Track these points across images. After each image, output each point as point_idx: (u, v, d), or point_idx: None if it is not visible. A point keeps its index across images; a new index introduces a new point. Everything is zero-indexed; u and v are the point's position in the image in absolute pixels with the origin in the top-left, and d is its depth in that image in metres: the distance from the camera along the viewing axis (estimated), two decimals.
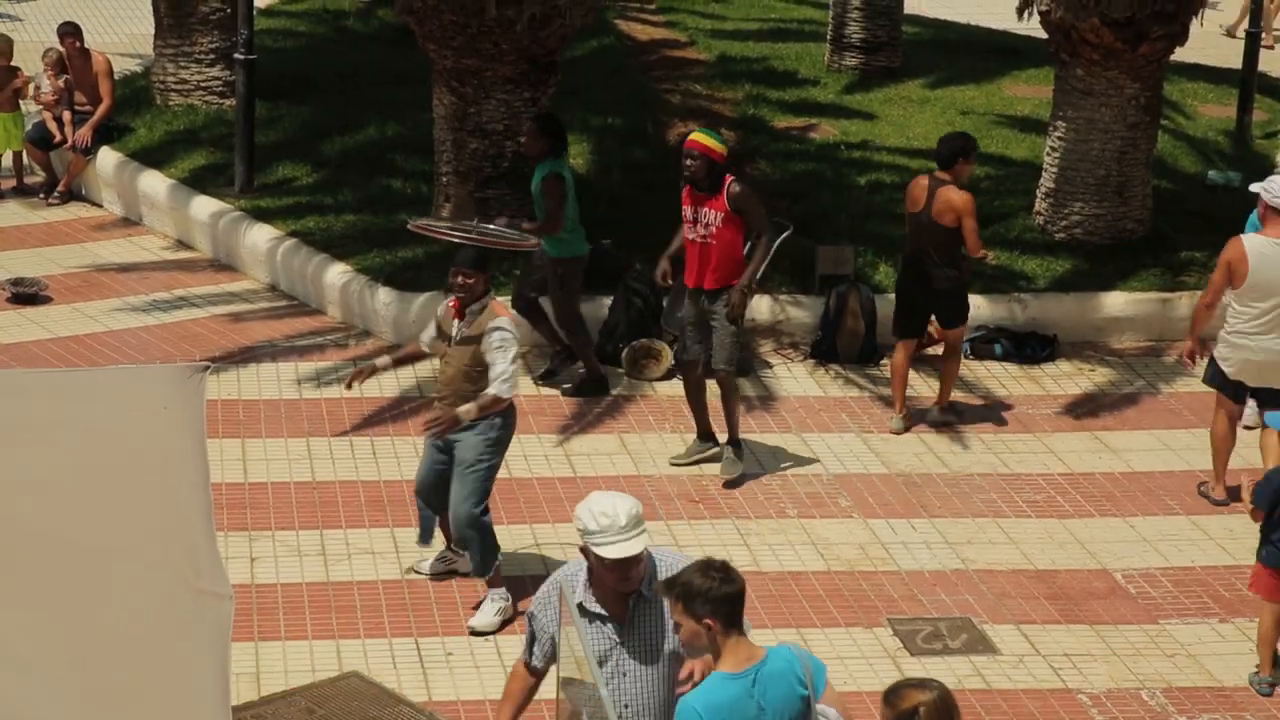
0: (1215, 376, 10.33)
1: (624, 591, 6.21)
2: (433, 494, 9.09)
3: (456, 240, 10.16)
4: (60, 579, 5.47)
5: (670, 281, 10.67)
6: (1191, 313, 10.81)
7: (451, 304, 8.93)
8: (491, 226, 10.95)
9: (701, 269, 10.36)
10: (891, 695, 5.65)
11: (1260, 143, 16.47)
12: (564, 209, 11.18)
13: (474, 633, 8.91)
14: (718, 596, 5.75)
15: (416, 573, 9.39)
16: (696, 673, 6.06)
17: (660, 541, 9.84)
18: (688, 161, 10.23)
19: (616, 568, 6.16)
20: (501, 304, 9.01)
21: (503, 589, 9.02)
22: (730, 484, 10.48)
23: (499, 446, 8.94)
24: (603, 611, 6.26)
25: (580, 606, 6.26)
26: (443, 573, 9.36)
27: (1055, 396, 11.96)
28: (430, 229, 10.43)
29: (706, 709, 5.73)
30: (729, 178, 10.26)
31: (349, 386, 9.41)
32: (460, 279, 8.82)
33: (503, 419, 8.91)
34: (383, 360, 9.39)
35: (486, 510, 8.93)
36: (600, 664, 6.22)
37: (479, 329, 8.79)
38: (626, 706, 6.23)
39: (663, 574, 6.17)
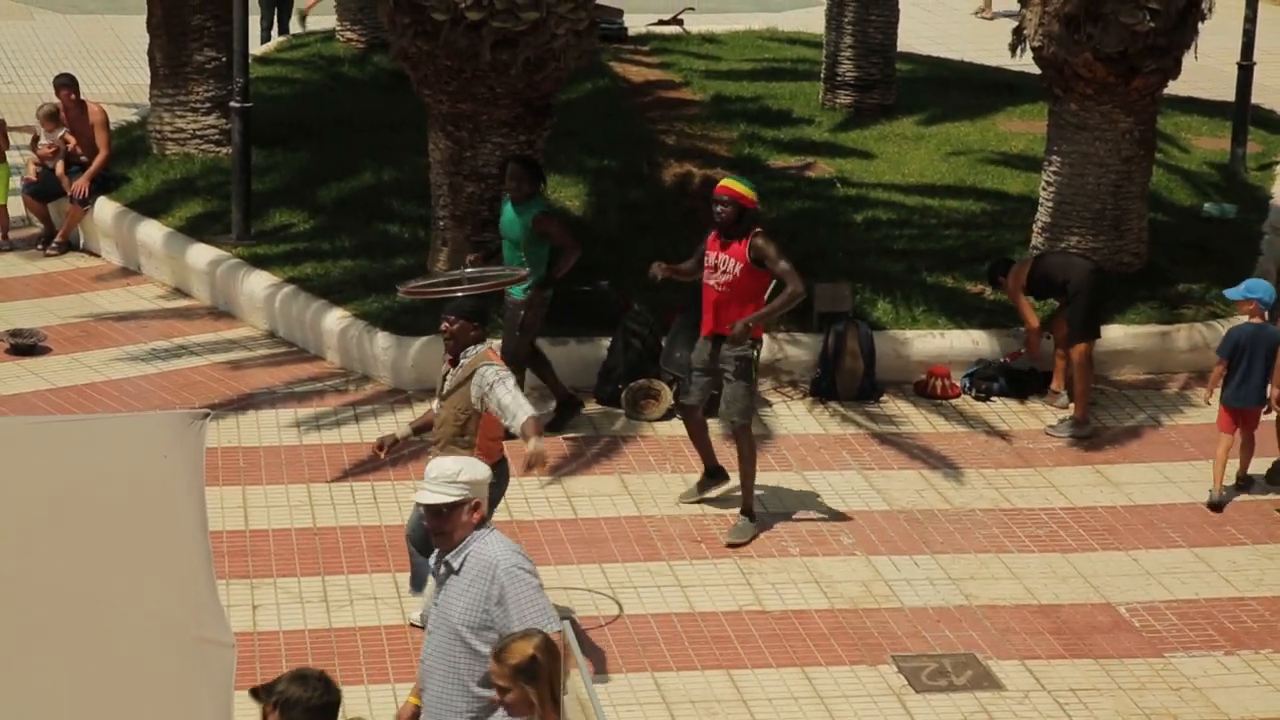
0: None
1: (435, 544, 6.66)
2: (421, 546, 9.06)
3: (448, 295, 9.86)
4: (62, 628, 5.46)
5: (662, 274, 10.49)
6: None
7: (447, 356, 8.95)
8: (471, 270, 10.80)
9: (716, 316, 10.31)
10: (500, 654, 5.79)
11: (1255, 174, 16.51)
12: (569, 235, 11.25)
13: None
14: (313, 708, 5.77)
15: (413, 625, 9.34)
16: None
17: (663, 583, 9.84)
18: (719, 208, 10.20)
19: (423, 511, 6.73)
20: (496, 354, 8.91)
21: None
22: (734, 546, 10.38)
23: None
24: (438, 573, 6.74)
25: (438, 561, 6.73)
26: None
27: (1060, 436, 11.94)
28: (420, 290, 10.20)
29: None
30: (756, 229, 10.20)
31: (379, 452, 9.12)
32: (444, 324, 8.83)
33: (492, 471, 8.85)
34: (402, 430, 9.23)
35: None
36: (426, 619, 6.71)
37: (468, 372, 8.77)
38: (423, 662, 6.67)
39: (474, 564, 6.52)
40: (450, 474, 6.56)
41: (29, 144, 15.38)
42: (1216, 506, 10.85)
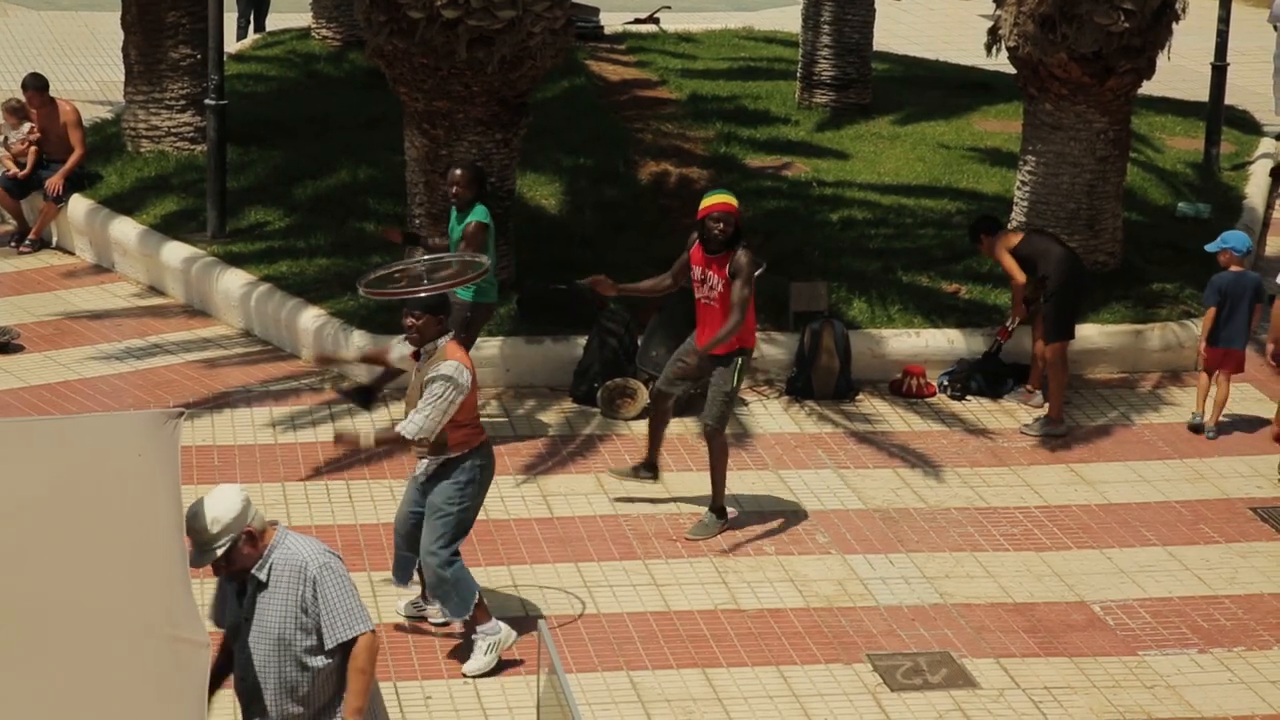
0: None
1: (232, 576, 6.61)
2: (408, 537, 9.05)
3: (411, 295, 9.20)
4: (37, 626, 5.44)
5: (607, 290, 10.47)
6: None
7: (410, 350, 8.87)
8: (427, 258, 10.28)
9: (706, 330, 10.25)
10: None
11: (1228, 174, 16.58)
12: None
13: (466, 677, 8.84)
14: None
15: (396, 612, 9.36)
16: None
17: (639, 581, 9.85)
18: (718, 225, 10.05)
19: None
20: (455, 346, 8.80)
21: (491, 623, 8.94)
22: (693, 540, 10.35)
23: (471, 491, 8.84)
24: (234, 588, 6.62)
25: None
26: (415, 616, 9.33)
27: (1036, 436, 11.98)
28: (381, 292, 9.91)
29: None
30: (741, 244, 10.11)
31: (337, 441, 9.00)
32: (409, 320, 8.74)
33: (477, 463, 8.83)
34: (351, 353, 9.20)
35: (455, 556, 8.83)
36: (234, 638, 6.57)
37: (430, 372, 8.75)
38: (243, 680, 6.53)
39: (282, 570, 6.46)
40: (203, 530, 6.37)
41: (0, 141, 15.32)
42: (1197, 429, 11.96)
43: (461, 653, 9.00)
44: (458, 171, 11.29)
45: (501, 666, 8.89)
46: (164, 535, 5.73)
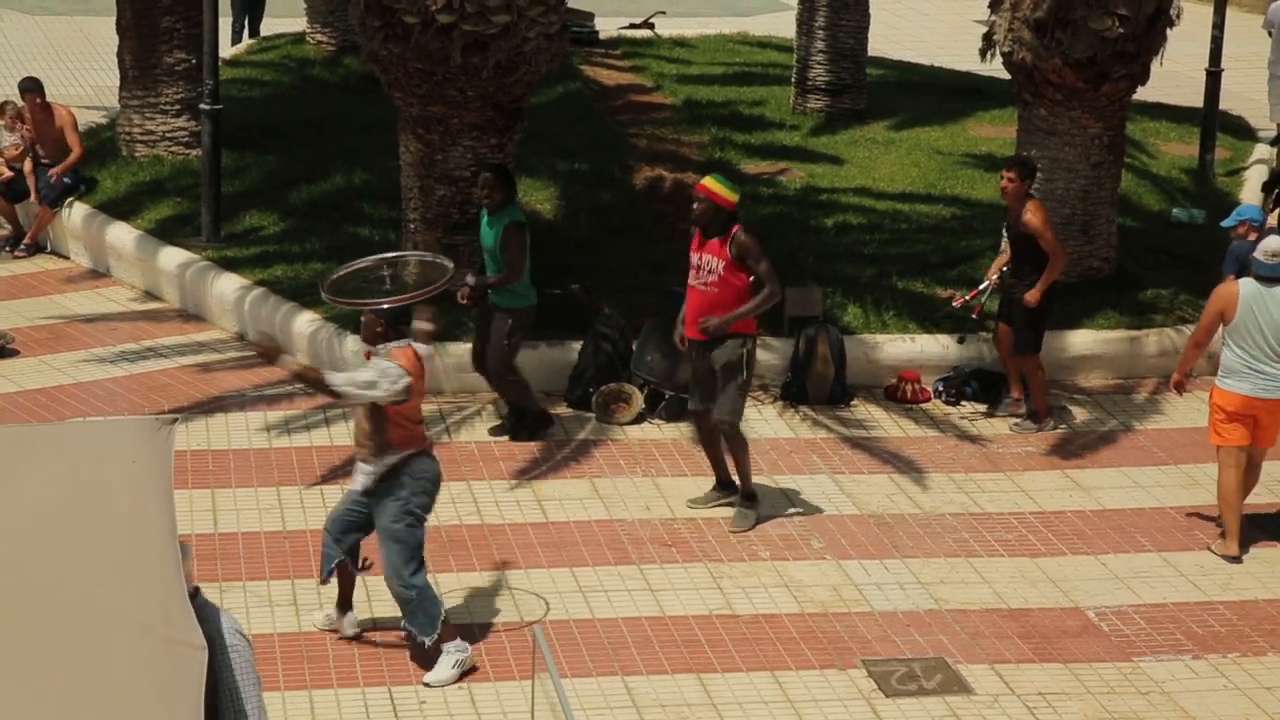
0: None
1: None
2: (338, 538, 8.97)
3: (373, 306, 8.95)
4: (31, 631, 5.44)
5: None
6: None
7: (365, 355, 8.89)
8: (392, 255, 9.97)
9: (696, 315, 10.27)
10: None
11: (1223, 180, 16.60)
12: (526, 258, 11.18)
13: (428, 686, 8.80)
14: None
15: (315, 624, 9.31)
16: None
17: (634, 586, 9.86)
18: (694, 205, 10.26)
19: None
20: (401, 350, 8.71)
21: (457, 640, 8.94)
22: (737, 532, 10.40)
23: (417, 503, 8.77)
24: None
25: None
26: (328, 629, 9.25)
27: (1025, 435, 11.98)
28: (347, 302, 9.38)
29: None
30: (736, 226, 10.16)
31: None
32: (363, 317, 8.87)
33: (418, 474, 8.75)
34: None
35: (418, 570, 8.77)
36: None
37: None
38: None
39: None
40: None
41: None
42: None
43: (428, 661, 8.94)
44: (487, 175, 11.30)
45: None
46: (158, 540, 5.73)
